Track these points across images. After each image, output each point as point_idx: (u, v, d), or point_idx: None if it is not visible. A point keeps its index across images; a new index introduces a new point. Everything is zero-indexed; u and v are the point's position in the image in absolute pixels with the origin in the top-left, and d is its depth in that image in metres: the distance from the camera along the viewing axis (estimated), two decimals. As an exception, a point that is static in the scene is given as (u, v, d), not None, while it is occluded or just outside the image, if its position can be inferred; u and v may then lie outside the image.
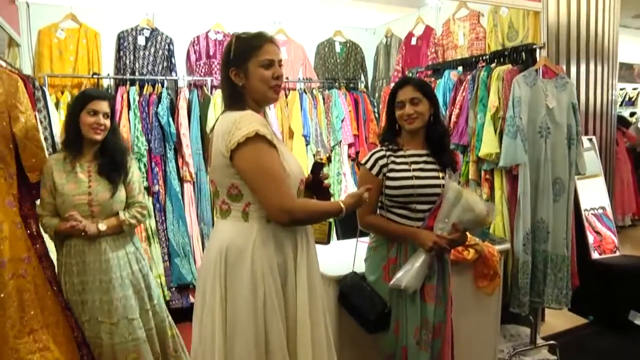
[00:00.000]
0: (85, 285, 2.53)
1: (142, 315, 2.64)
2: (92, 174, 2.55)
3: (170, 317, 2.85)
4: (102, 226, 2.52)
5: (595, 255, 3.94)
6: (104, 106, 2.54)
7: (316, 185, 2.04)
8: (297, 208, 1.78)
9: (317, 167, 2.07)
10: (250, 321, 1.76)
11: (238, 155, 1.74)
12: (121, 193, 2.60)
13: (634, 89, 9.68)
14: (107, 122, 2.56)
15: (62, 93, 4.07)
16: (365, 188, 2.02)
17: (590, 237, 3.96)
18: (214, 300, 1.80)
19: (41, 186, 2.55)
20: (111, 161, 2.58)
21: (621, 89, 9.36)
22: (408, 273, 2.18)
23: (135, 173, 2.70)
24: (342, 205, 1.90)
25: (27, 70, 4.07)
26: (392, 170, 2.31)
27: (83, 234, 2.47)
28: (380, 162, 2.32)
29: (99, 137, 2.54)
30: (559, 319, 4.01)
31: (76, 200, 2.50)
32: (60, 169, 2.53)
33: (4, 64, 2.80)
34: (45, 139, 3.33)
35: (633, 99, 9.81)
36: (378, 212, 2.40)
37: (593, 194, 4.09)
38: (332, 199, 2.09)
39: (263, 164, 1.74)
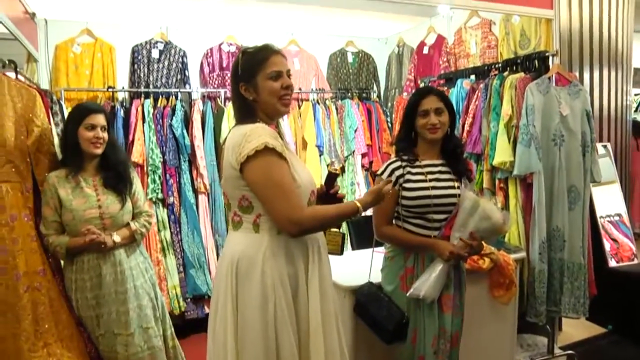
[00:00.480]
0: (101, 299, 2.52)
1: (156, 323, 2.68)
2: (98, 187, 2.56)
3: (172, 328, 2.86)
4: (117, 237, 2.54)
5: (612, 263, 3.89)
6: (100, 119, 2.54)
7: (330, 196, 2.05)
8: (305, 218, 1.78)
9: (331, 177, 2.07)
10: (260, 332, 1.77)
11: (248, 168, 1.75)
12: (129, 204, 2.63)
13: (649, 94, 9.59)
14: (105, 135, 2.55)
15: (78, 107, 4.13)
16: (385, 182, 2.00)
17: (607, 245, 3.92)
18: (226, 310, 1.81)
19: (43, 204, 2.52)
20: (116, 173, 2.60)
21: (636, 95, 9.28)
22: (426, 282, 2.19)
23: (138, 184, 2.74)
24: (359, 205, 1.89)
25: (45, 85, 4.14)
26: (408, 180, 2.31)
27: (103, 246, 2.47)
28: (397, 173, 2.33)
29: (99, 151, 2.54)
30: (576, 329, 3.97)
31: (87, 215, 2.50)
32: (65, 186, 2.51)
33: (23, 79, 2.85)
34: (62, 152, 3.37)
35: (648, 105, 9.72)
36: (394, 222, 2.40)
37: (609, 200, 4.05)
38: None
39: (272, 176, 1.75)
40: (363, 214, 1.94)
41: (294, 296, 1.85)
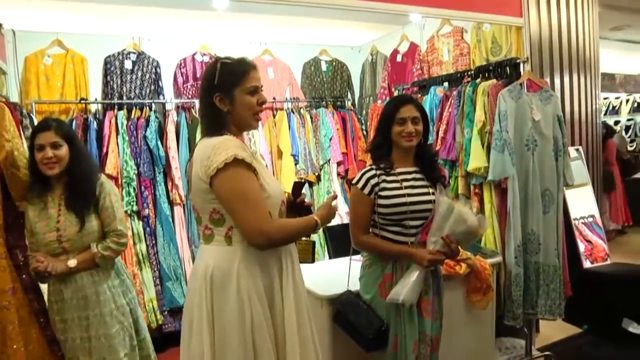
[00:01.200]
0: (65, 324, 2.41)
1: (131, 350, 2.50)
2: (61, 207, 2.41)
3: (154, 354, 2.71)
4: (72, 262, 2.36)
5: (587, 264, 3.96)
6: (48, 137, 2.36)
7: (297, 205, 2.06)
8: (273, 230, 1.78)
9: (297, 186, 2.09)
10: (240, 344, 1.76)
11: (217, 182, 1.74)
12: (92, 224, 2.42)
13: (617, 98, 9.84)
14: (59, 152, 2.36)
15: (50, 119, 4.06)
16: (331, 197, 2.06)
17: (582, 246, 3.99)
18: (201, 325, 1.79)
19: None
20: (76, 192, 2.41)
21: (604, 99, 9.51)
22: (405, 287, 2.20)
23: (109, 198, 2.47)
24: (317, 219, 1.92)
25: (14, 98, 4.05)
26: (384, 189, 2.32)
27: (47, 274, 2.32)
28: (372, 182, 2.34)
29: (54, 172, 2.37)
30: (553, 330, 4.01)
31: (46, 239, 2.38)
32: (35, 207, 2.42)
33: (-10, 93, 2.79)
34: (34, 166, 3.31)
35: (617, 108, 9.97)
36: (371, 230, 2.41)
37: (582, 202, 4.12)
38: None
39: (240, 188, 1.75)
40: (340, 221, 1.95)
41: (270, 306, 1.84)
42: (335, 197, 2.07)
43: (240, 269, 1.79)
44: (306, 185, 4.71)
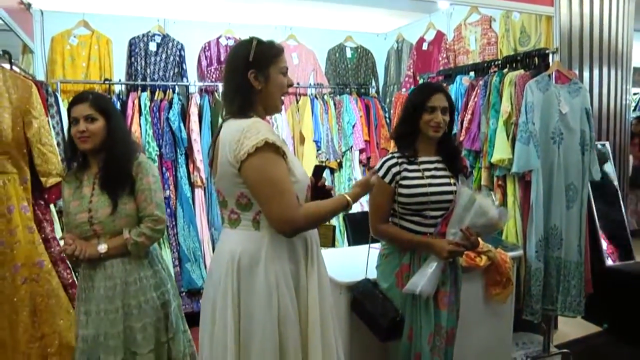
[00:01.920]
0: (88, 316, 2.21)
1: (158, 348, 2.30)
2: (95, 187, 2.25)
3: (193, 348, 2.52)
4: (103, 247, 2.19)
5: (609, 262, 3.90)
6: (82, 109, 2.20)
7: (318, 188, 2.04)
8: (298, 218, 1.75)
9: (318, 170, 2.07)
10: (267, 332, 1.75)
11: (246, 166, 1.73)
12: (127, 206, 2.23)
13: (648, 94, 9.62)
14: (92, 126, 2.19)
15: (75, 99, 4.11)
16: (371, 172, 2.04)
17: (604, 244, 3.93)
18: (226, 311, 1.78)
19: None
20: (110, 171, 2.23)
21: (635, 94, 9.30)
22: (423, 278, 2.19)
23: (147, 179, 2.27)
24: (349, 198, 1.90)
25: (40, 77, 4.13)
26: (405, 177, 2.31)
27: (75, 259, 2.17)
28: (393, 170, 2.32)
29: (86, 146, 2.21)
30: (572, 327, 3.98)
31: (78, 219, 2.22)
32: (70, 185, 2.29)
33: (18, 70, 2.84)
34: (58, 144, 3.36)
35: (647, 104, 9.75)
36: (390, 220, 2.40)
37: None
38: None
39: (269, 174, 1.73)
40: (361, 209, 1.96)
41: (295, 292, 1.84)
42: (375, 173, 2.04)
43: (268, 254, 1.79)
44: (327, 170, 4.72)
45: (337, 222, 4.43)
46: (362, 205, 4.59)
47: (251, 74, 1.83)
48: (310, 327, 1.84)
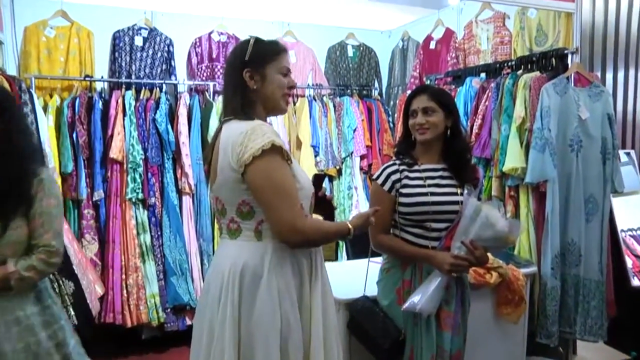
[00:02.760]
0: None
1: None
2: None
3: None
4: None
5: (635, 281, 3.86)
6: None
7: (317, 198, 2.05)
8: (309, 228, 1.79)
9: (318, 179, 2.12)
10: (270, 348, 1.76)
11: (252, 170, 1.74)
12: (18, 231, 1.94)
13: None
14: None
15: (51, 96, 4.10)
16: (373, 210, 2.05)
17: (629, 262, 3.88)
18: (224, 328, 1.78)
19: None
20: (2, 186, 1.95)
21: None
22: (423, 296, 2.18)
23: (47, 201, 2.00)
24: (350, 226, 1.92)
25: (12, 71, 4.08)
26: (405, 186, 2.31)
27: None
28: (393, 178, 2.33)
29: None
30: (594, 353, 3.92)
31: None
32: None
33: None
34: (33, 146, 3.36)
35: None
36: (392, 231, 2.40)
37: (632, 213, 4.02)
38: (339, 213, 2.10)
39: (276, 178, 1.75)
40: None
41: (298, 308, 1.85)
42: (376, 211, 2.06)
43: (272, 267, 1.80)
44: (326, 179, 4.71)
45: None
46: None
47: (246, 72, 1.86)
48: (313, 347, 1.84)
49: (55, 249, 1.99)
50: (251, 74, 1.86)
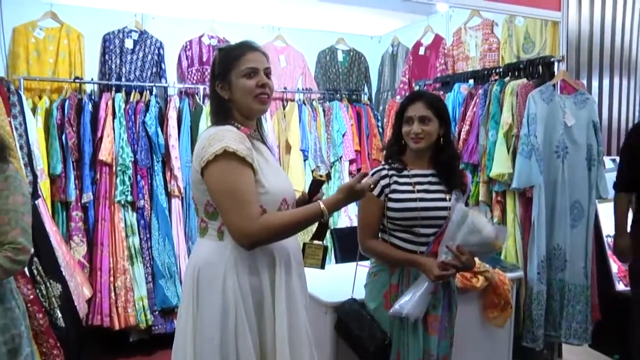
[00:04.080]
0: None
1: None
2: None
3: None
4: None
5: (620, 286, 3.89)
6: None
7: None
8: (256, 231, 1.76)
9: (316, 184, 2.05)
10: (218, 347, 1.77)
11: (206, 173, 1.79)
12: None
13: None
14: None
15: (40, 98, 4.10)
16: (359, 175, 1.91)
17: (614, 266, 3.92)
18: (186, 323, 1.83)
19: None
20: None
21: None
22: (410, 300, 2.20)
23: (14, 198, 2.01)
24: (322, 206, 1.83)
25: (0, 72, 4.06)
26: (394, 191, 2.33)
27: None
28: (382, 182, 2.34)
29: None
30: (578, 356, 3.96)
31: None
32: None
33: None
34: (21, 147, 3.35)
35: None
36: (380, 235, 2.41)
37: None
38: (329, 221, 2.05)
39: (227, 183, 1.77)
40: (349, 224, 1.94)
41: (258, 309, 1.85)
42: (364, 176, 1.92)
43: (229, 266, 1.82)
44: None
45: (329, 241, 4.42)
46: (350, 219, 4.60)
47: (217, 85, 1.92)
48: (279, 342, 1.85)
49: (22, 246, 1.99)
50: (221, 85, 1.91)
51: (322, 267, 2.05)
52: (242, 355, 1.79)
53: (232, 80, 1.89)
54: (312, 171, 4.66)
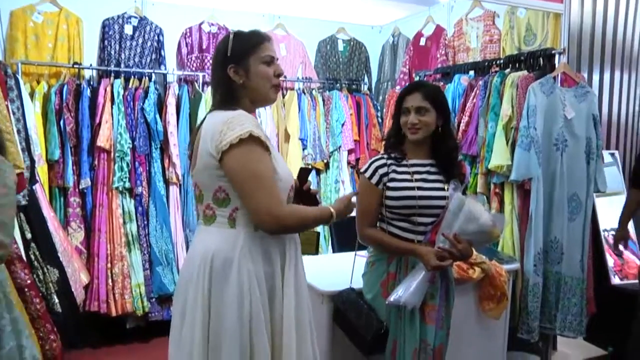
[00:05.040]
0: None
1: None
2: None
3: None
4: None
5: (615, 280, 3.91)
6: None
7: (302, 192, 2.08)
8: (286, 214, 1.82)
9: (304, 172, 2.12)
10: (236, 335, 1.78)
11: (229, 157, 1.77)
12: None
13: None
14: None
15: (38, 82, 4.08)
16: (353, 193, 2.11)
17: (610, 260, 3.93)
18: (194, 314, 1.82)
19: None
20: None
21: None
22: (408, 289, 2.21)
23: None
24: (332, 210, 1.96)
25: (-3, 56, 4.03)
26: (392, 179, 2.34)
27: None
28: (381, 171, 2.35)
29: None
30: (573, 348, 3.98)
31: None
32: None
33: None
34: (19, 131, 3.34)
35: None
36: (378, 224, 2.42)
37: (615, 213, 4.07)
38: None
39: (255, 167, 1.78)
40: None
41: (270, 297, 1.87)
42: (356, 194, 2.12)
43: (242, 254, 1.82)
44: (312, 172, 4.73)
45: (321, 227, 4.44)
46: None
47: (230, 68, 1.90)
48: (285, 332, 1.87)
49: (1, 241, 1.85)
50: (235, 69, 1.89)
51: (316, 252, 2.21)
52: (257, 340, 1.81)
53: (251, 65, 1.89)
54: (303, 159, 4.71)
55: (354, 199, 2.07)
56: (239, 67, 1.89)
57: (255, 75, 1.90)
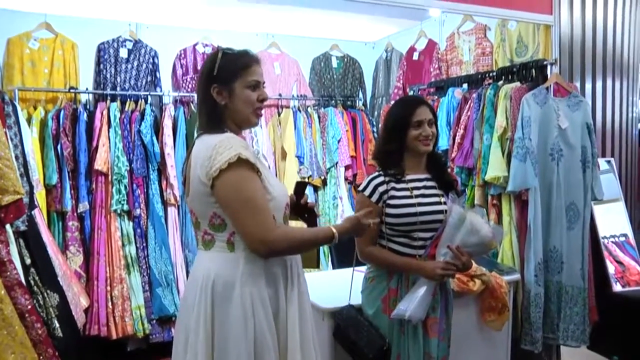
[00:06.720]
0: None
1: None
2: None
3: None
4: None
5: (617, 287, 3.89)
6: None
7: (300, 206, 2.08)
8: (276, 239, 1.79)
9: (300, 186, 2.13)
10: (242, 355, 1.77)
11: (219, 183, 1.76)
12: None
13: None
14: None
15: (35, 108, 4.10)
16: (365, 211, 2.03)
17: (611, 268, 3.91)
18: (197, 338, 1.79)
19: None
20: None
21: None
22: (412, 302, 2.21)
23: None
24: (334, 231, 1.91)
25: (-6, 83, 4.05)
26: (393, 197, 2.35)
27: None
28: (380, 189, 2.36)
29: None
30: (577, 358, 3.98)
31: None
32: None
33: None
34: (17, 157, 3.34)
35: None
36: (378, 241, 2.42)
37: (613, 220, 4.07)
38: (324, 223, 2.11)
39: (243, 192, 1.76)
40: None
41: (274, 318, 1.86)
42: (369, 213, 2.04)
43: (244, 278, 1.81)
44: (310, 188, 4.74)
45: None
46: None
47: (214, 88, 1.87)
48: (290, 354, 1.85)
49: None
50: (219, 89, 1.87)
51: (317, 266, 2.23)
52: (266, 358, 1.79)
53: (236, 88, 1.87)
54: (298, 172, 4.71)
55: (365, 221, 2.00)
56: (222, 88, 1.87)
57: (238, 98, 1.87)
